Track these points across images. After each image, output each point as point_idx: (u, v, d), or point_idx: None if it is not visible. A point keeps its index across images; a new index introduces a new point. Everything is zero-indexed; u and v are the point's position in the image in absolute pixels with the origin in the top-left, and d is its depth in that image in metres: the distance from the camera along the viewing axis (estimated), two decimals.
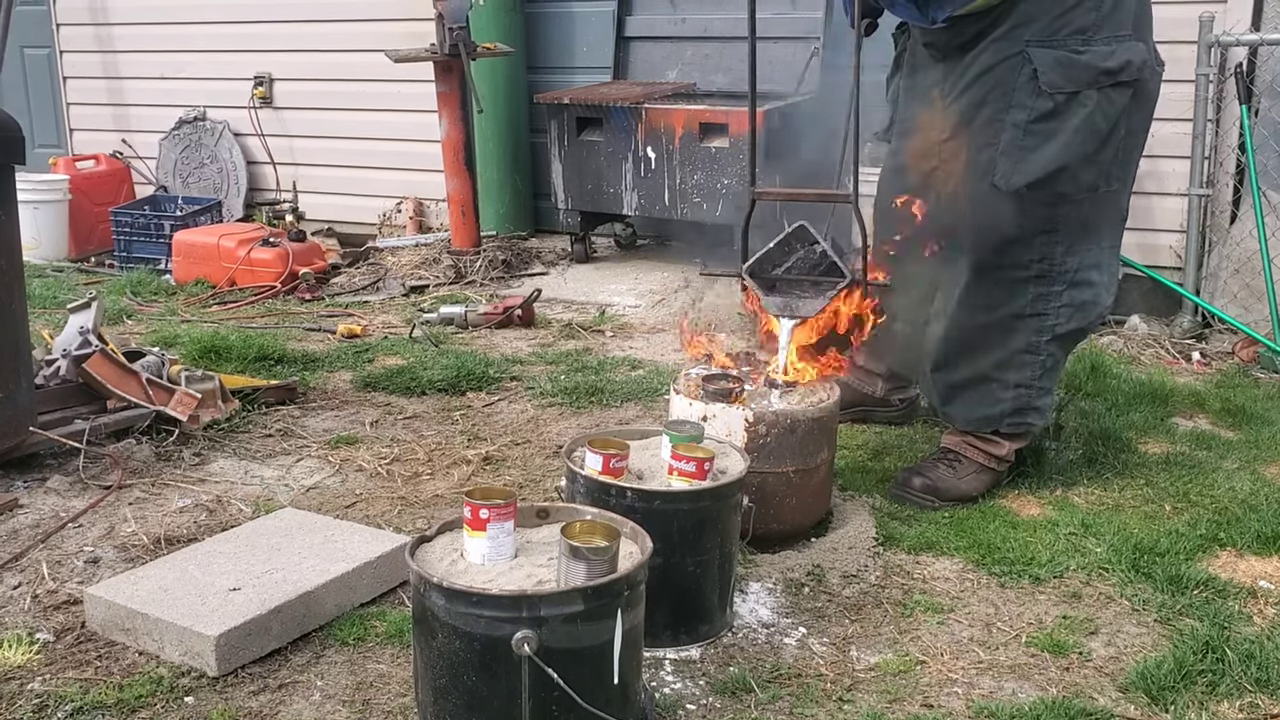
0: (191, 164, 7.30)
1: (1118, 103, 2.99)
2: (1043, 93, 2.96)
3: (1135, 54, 2.99)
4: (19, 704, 2.24)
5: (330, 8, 6.77)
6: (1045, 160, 2.98)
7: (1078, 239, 3.07)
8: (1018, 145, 2.99)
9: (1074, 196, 3.02)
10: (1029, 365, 3.14)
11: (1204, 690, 2.29)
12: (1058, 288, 3.09)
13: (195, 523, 3.03)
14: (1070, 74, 2.95)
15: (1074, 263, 3.07)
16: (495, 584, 2.00)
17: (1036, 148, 2.98)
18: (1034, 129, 2.98)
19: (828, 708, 2.25)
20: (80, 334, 3.61)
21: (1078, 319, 3.13)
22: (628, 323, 5.07)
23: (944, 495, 3.17)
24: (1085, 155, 2.99)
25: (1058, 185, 3.00)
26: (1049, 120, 2.97)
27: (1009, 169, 3.00)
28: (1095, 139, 2.99)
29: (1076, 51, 2.95)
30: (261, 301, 5.49)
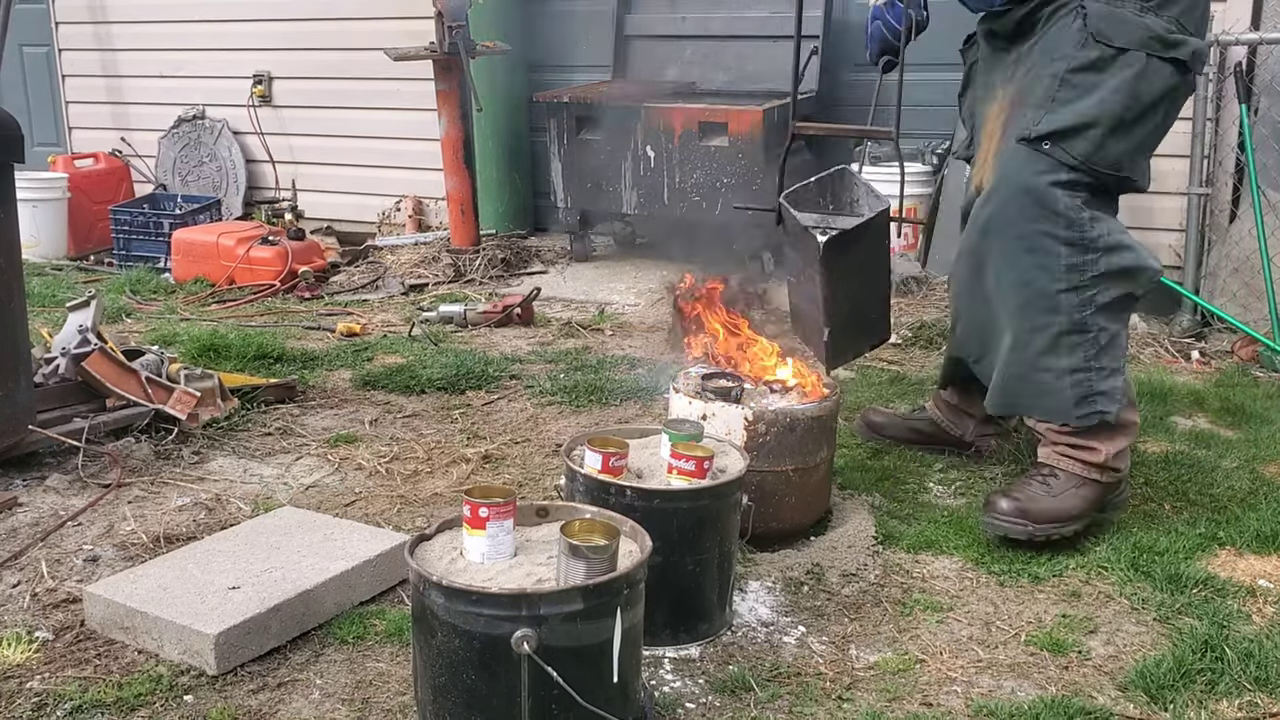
0: (190, 162, 7.30)
1: (1165, 79, 2.77)
2: (1088, 42, 2.75)
3: (1198, 47, 2.81)
4: (18, 702, 2.24)
5: (329, 6, 6.77)
6: (1076, 112, 2.75)
7: (1104, 207, 2.85)
8: (1051, 96, 2.78)
9: (1096, 165, 2.78)
10: (1079, 346, 2.84)
11: (1203, 689, 2.29)
12: (1092, 255, 2.81)
13: (194, 521, 3.03)
14: (1121, 29, 2.75)
15: (1103, 229, 2.82)
16: (495, 582, 2.00)
17: (1070, 100, 2.76)
18: (1071, 79, 2.77)
19: (827, 706, 2.25)
20: (79, 332, 3.61)
21: (1122, 283, 2.85)
22: (627, 321, 5.07)
23: (1039, 518, 2.82)
24: (1118, 120, 2.76)
25: (1083, 143, 2.76)
26: (1089, 71, 2.76)
27: (1036, 118, 2.79)
28: (1134, 106, 2.76)
29: (1135, 13, 2.76)
30: (261, 300, 5.49)
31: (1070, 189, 2.80)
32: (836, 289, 2.96)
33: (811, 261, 2.96)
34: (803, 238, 2.98)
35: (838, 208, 3.09)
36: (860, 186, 3.08)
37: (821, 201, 3.10)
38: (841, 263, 2.93)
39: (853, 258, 2.97)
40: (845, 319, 3.04)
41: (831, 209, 3.08)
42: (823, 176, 3.11)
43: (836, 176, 3.11)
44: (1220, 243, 4.96)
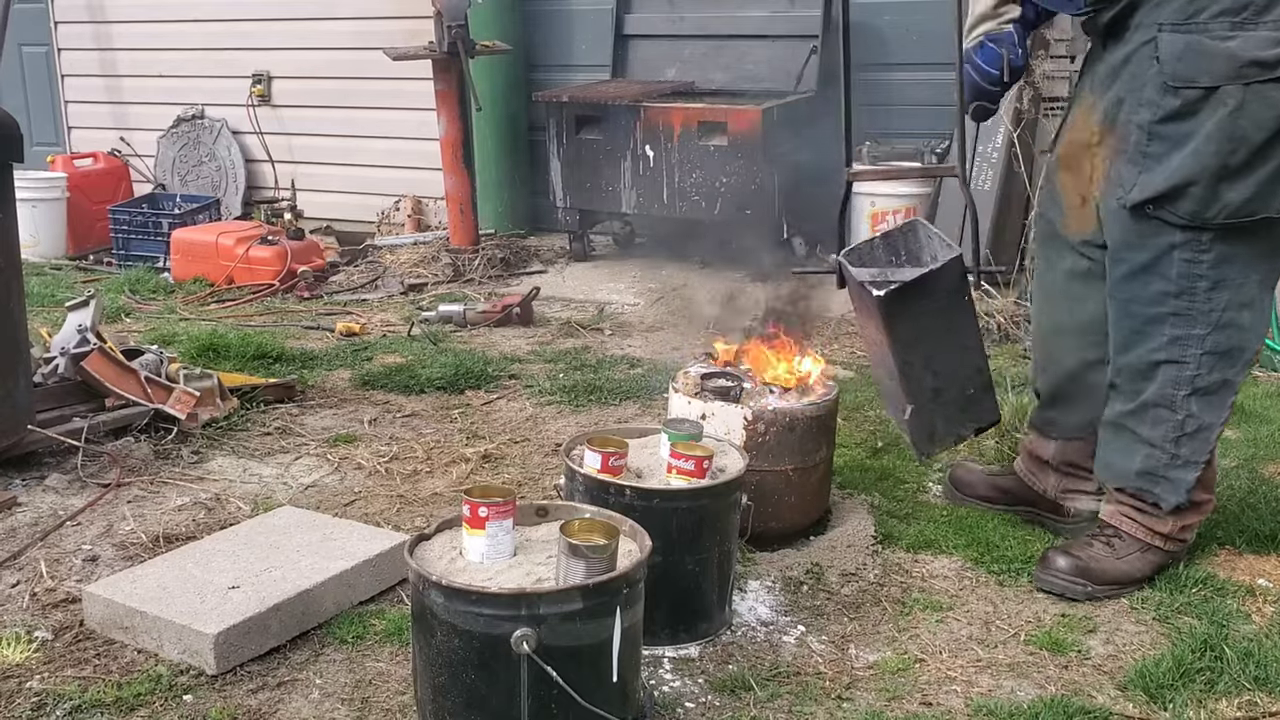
0: (190, 162, 7.30)
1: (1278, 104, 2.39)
2: (1169, 88, 2.44)
3: None
4: (17, 702, 2.24)
5: (329, 5, 6.77)
6: (1170, 171, 2.45)
7: (1227, 271, 2.51)
8: (1142, 151, 2.49)
9: (1214, 220, 2.46)
10: (1163, 422, 2.61)
11: (1202, 688, 2.29)
12: (1199, 330, 2.54)
13: (194, 521, 3.03)
14: (1203, 64, 2.40)
15: (1221, 300, 2.52)
16: (494, 582, 2.00)
17: (1163, 155, 2.47)
18: (1160, 131, 2.47)
19: (826, 706, 2.25)
20: (79, 332, 3.60)
21: (1221, 368, 2.57)
22: (626, 321, 5.07)
23: (1100, 578, 2.65)
24: (1224, 168, 2.42)
25: (1188, 202, 2.46)
26: (1177, 121, 2.44)
27: (1131, 180, 2.51)
28: (1242, 149, 2.40)
29: (1220, 37, 2.39)
30: (260, 300, 5.49)
31: (1190, 249, 2.50)
32: (910, 356, 2.62)
33: (877, 324, 2.63)
34: (862, 296, 2.64)
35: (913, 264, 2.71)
36: (935, 239, 2.72)
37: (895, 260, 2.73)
38: (910, 324, 2.59)
39: (925, 318, 2.61)
40: (933, 394, 2.70)
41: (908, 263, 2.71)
42: (891, 232, 2.76)
43: (909, 231, 2.74)
44: None
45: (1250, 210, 2.44)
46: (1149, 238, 2.53)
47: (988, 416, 2.85)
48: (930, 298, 2.60)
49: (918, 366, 2.65)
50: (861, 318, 2.84)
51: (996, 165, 5.17)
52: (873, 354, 2.91)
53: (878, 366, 2.91)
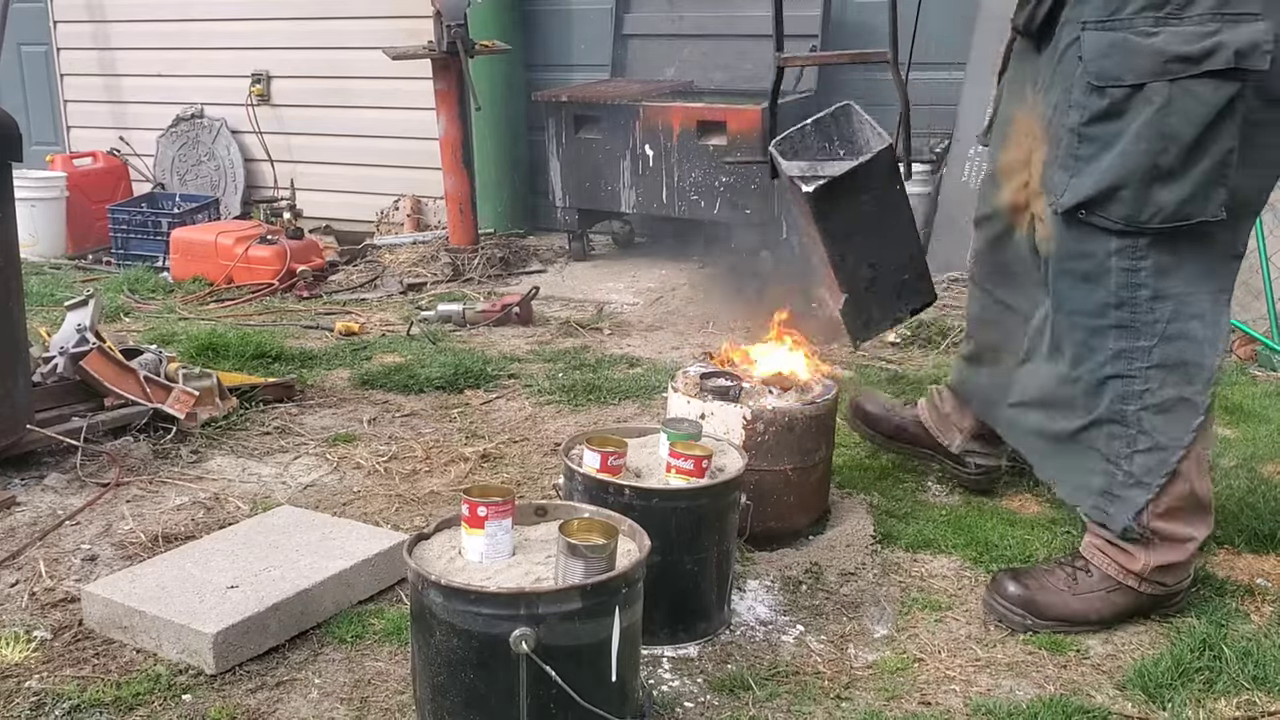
0: (189, 161, 7.30)
1: (1210, 100, 2.25)
2: (1093, 88, 2.34)
3: (1246, 37, 2.23)
4: (16, 702, 2.24)
5: (328, 5, 6.77)
6: (1100, 174, 2.35)
7: (1169, 280, 2.39)
8: (1073, 155, 2.39)
9: (1149, 225, 2.34)
10: (1117, 438, 2.48)
11: (1201, 688, 2.29)
12: (1144, 342, 2.41)
13: (193, 520, 3.03)
14: (1128, 61, 2.30)
15: (1165, 311, 2.39)
16: (493, 582, 2.00)
17: (1092, 158, 2.36)
18: (1088, 133, 2.37)
19: (825, 705, 2.25)
20: (78, 331, 3.60)
21: (1175, 384, 2.41)
22: (625, 320, 5.07)
23: (1044, 613, 2.49)
24: (1155, 168, 2.30)
25: (1119, 207, 2.34)
26: (1105, 122, 2.34)
27: (1063, 185, 2.41)
28: (1172, 147, 2.28)
29: (1144, 33, 2.29)
30: (259, 299, 5.49)
31: (1127, 256, 2.39)
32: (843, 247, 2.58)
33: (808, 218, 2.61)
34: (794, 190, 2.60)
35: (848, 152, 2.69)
36: (867, 125, 2.68)
37: (828, 147, 2.70)
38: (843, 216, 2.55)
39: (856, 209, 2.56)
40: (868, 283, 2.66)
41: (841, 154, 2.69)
42: (822, 117, 2.72)
43: (841, 116, 2.70)
44: None
45: (1185, 213, 2.32)
46: (1086, 245, 2.42)
47: (922, 298, 2.84)
48: (861, 189, 2.55)
49: (851, 257, 2.63)
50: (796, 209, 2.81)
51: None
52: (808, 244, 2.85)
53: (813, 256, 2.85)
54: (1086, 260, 2.43)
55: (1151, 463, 2.45)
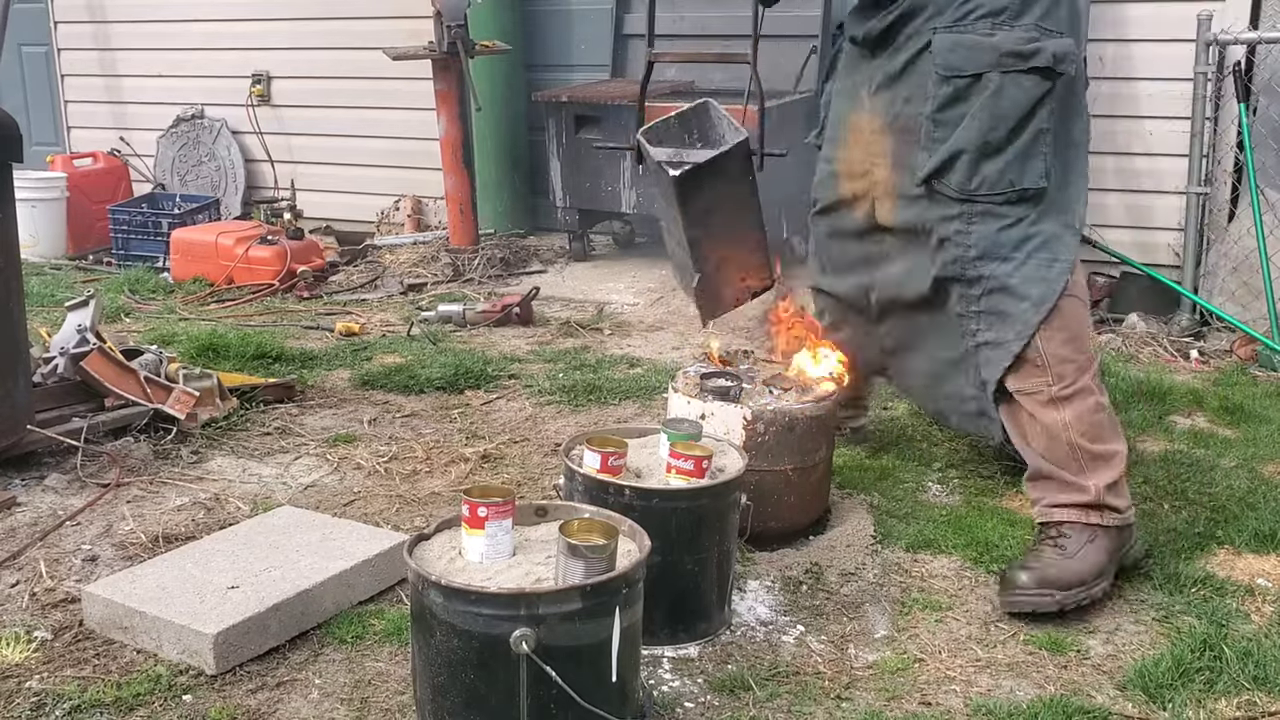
0: (189, 162, 7.30)
1: (1031, 91, 2.71)
2: (942, 79, 2.77)
3: (1055, 44, 2.72)
4: (17, 702, 2.24)
5: (328, 5, 6.76)
6: (947, 147, 2.77)
7: (993, 244, 2.78)
8: (931, 138, 2.80)
9: (979, 194, 2.76)
10: (967, 373, 2.92)
11: (1201, 688, 2.29)
12: (975, 291, 2.82)
13: (193, 521, 3.03)
14: (971, 56, 2.74)
15: (989, 269, 2.79)
16: (493, 582, 2.00)
17: (943, 139, 2.78)
18: (940, 118, 2.78)
19: (826, 705, 2.25)
20: (78, 332, 3.60)
21: (998, 329, 2.80)
22: (625, 321, 5.07)
23: (1062, 583, 2.59)
24: (986, 144, 2.73)
25: (955, 174, 2.76)
26: (952, 107, 2.77)
27: (923, 164, 2.81)
28: (1000, 126, 2.72)
29: (984, 34, 2.75)
30: (259, 299, 5.49)
31: (962, 221, 2.80)
32: (699, 229, 2.84)
33: (670, 200, 2.85)
34: (659, 175, 2.84)
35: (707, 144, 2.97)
36: (724, 120, 2.95)
37: (687, 139, 2.97)
38: (701, 200, 2.80)
39: (714, 195, 2.82)
40: (717, 264, 2.92)
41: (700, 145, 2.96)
42: (684, 111, 2.99)
43: (700, 111, 2.97)
44: (1219, 242, 4.96)
45: (1008, 181, 2.75)
46: (938, 212, 2.83)
47: (762, 282, 3.14)
48: (719, 176, 2.83)
49: (706, 239, 2.87)
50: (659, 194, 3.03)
51: None
52: (667, 227, 3.07)
53: (669, 240, 3.10)
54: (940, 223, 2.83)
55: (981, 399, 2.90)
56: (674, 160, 2.82)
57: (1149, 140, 5.19)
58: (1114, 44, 5.16)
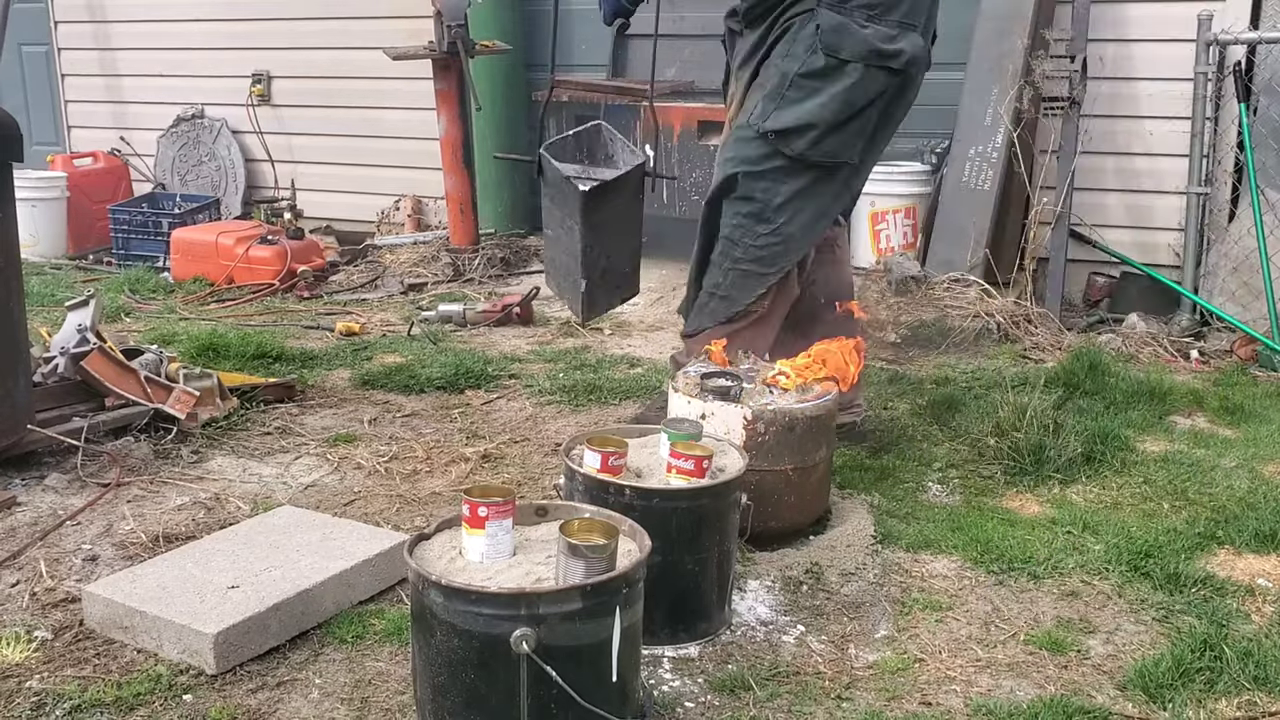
0: (190, 161, 7.30)
1: (881, 84, 3.17)
2: (818, 50, 3.12)
3: (913, 46, 3.17)
4: (17, 701, 2.24)
5: (328, 5, 6.76)
6: (798, 114, 3.15)
7: (798, 200, 3.24)
8: (780, 93, 3.17)
9: (810, 157, 3.19)
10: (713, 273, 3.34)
11: (1202, 688, 2.29)
12: (761, 229, 3.26)
13: (193, 520, 3.03)
14: (847, 42, 3.11)
15: (783, 216, 3.23)
16: (494, 582, 2.00)
17: (796, 100, 3.15)
18: (800, 82, 3.15)
19: (826, 705, 2.25)
20: (78, 331, 3.60)
21: (761, 263, 3.28)
22: (626, 321, 5.07)
23: None
24: (833, 123, 3.16)
25: (799, 141, 3.16)
26: (815, 78, 3.14)
27: (766, 111, 3.18)
28: (847, 110, 3.15)
29: (860, 24, 3.12)
30: (260, 299, 5.49)
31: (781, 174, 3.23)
32: (594, 240, 3.08)
33: (572, 212, 3.06)
34: (563, 188, 3.07)
35: (593, 162, 3.21)
36: (617, 141, 3.19)
37: (579, 155, 3.21)
38: (600, 214, 3.03)
39: (610, 210, 3.07)
40: (601, 272, 3.16)
41: (588, 162, 3.19)
42: (580, 131, 3.22)
43: (593, 132, 3.22)
44: (1219, 242, 4.96)
45: (835, 154, 3.22)
46: (762, 158, 3.21)
47: (632, 291, 3.48)
48: (618, 194, 3.10)
49: (596, 249, 3.11)
50: (554, 204, 3.25)
51: (996, 165, 5.17)
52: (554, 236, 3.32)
53: (554, 247, 3.36)
54: (753, 164, 3.22)
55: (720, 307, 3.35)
56: (583, 176, 3.07)
57: (1149, 140, 5.19)
58: (1114, 44, 5.16)
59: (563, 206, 3.11)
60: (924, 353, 4.62)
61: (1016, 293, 4.93)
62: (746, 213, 3.26)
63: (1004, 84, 5.10)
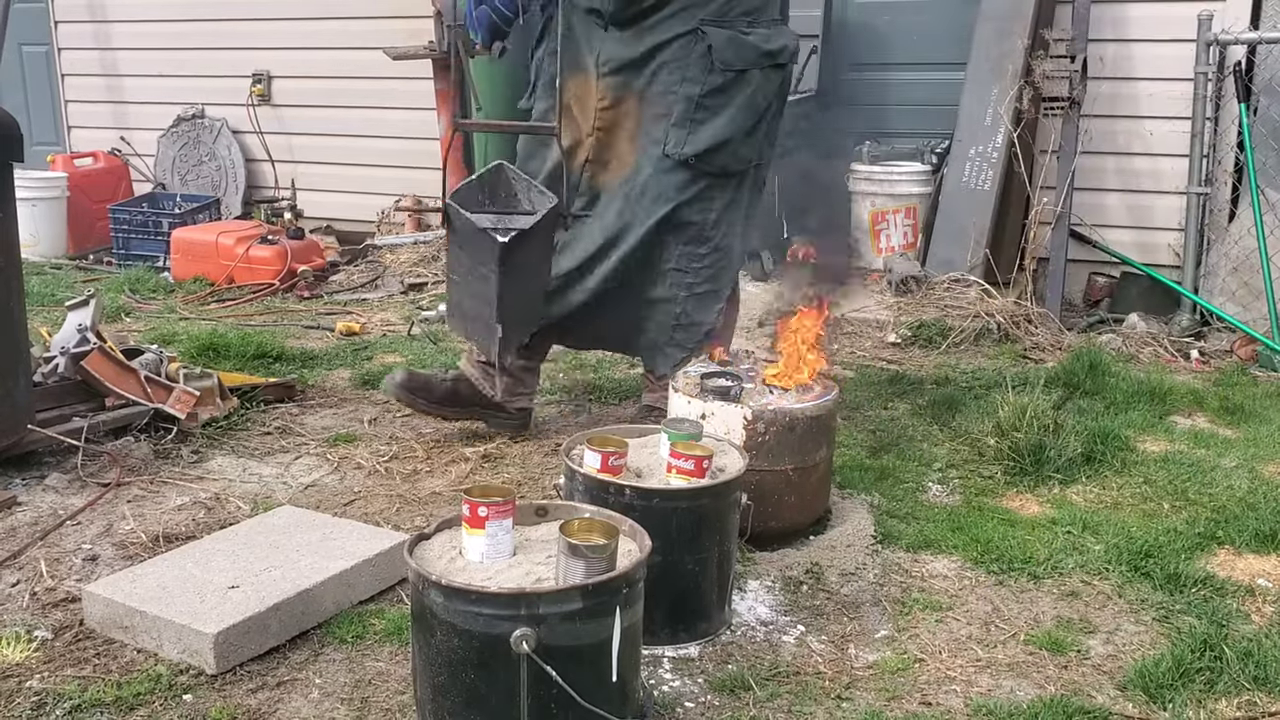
0: (190, 161, 7.30)
1: (774, 83, 3.28)
2: (715, 69, 3.18)
3: (788, 39, 3.30)
4: (17, 701, 2.24)
5: (329, 5, 6.76)
6: (714, 133, 3.22)
7: (729, 211, 3.33)
8: (689, 118, 3.22)
9: (732, 168, 3.29)
10: (665, 313, 3.39)
11: (1202, 688, 2.29)
12: (703, 250, 3.33)
13: (194, 520, 3.03)
14: (740, 53, 3.19)
15: (720, 230, 3.33)
16: (494, 582, 2.00)
17: (706, 121, 3.21)
18: (705, 103, 3.21)
19: (826, 705, 2.25)
20: (79, 331, 3.60)
21: (712, 281, 3.36)
22: None
23: None
24: (745, 130, 3.25)
25: (719, 157, 3.25)
26: (719, 95, 3.21)
27: (681, 139, 3.23)
28: (754, 115, 3.26)
29: (744, 32, 3.21)
30: (260, 299, 5.49)
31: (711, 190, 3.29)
32: (509, 286, 3.05)
33: (487, 261, 3.01)
34: (476, 239, 3.02)
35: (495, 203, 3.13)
36: (521, 181, 3.16)
37: (481, 197, 3.12)
38: (514, 260, 3.01)
39: (524, 254, 3.04)
40: (514, 313, 3.12)
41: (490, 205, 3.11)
42: (483, 173, 3.17)
43: (495, 172, 3.16)
44: (1219, 242, 4.96)
45: (750, 159, 3.32)
46: (688, 183, 3.26)
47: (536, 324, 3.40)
48: (533, 238, 3.06)
49: (511, 294, 3.06)
50: (463, 252, 3.15)
51: (997, 165, 5.17)
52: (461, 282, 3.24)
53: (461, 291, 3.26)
54: (682, 192, 3.27)
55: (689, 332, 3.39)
56: (500, 226, 3.02)
57: (1149, 140, 5.20)
58: (1114, 44, 5.16)
59: (475, 255, 3.06)
60: (924, 353, 4.62)
61: (1017, 293, 4.93)
62: (688, 239, 3.32)
63: (1004, 84, 5.10)
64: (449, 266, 3.33)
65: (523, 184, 3.15)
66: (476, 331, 3.23)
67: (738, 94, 3.22)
